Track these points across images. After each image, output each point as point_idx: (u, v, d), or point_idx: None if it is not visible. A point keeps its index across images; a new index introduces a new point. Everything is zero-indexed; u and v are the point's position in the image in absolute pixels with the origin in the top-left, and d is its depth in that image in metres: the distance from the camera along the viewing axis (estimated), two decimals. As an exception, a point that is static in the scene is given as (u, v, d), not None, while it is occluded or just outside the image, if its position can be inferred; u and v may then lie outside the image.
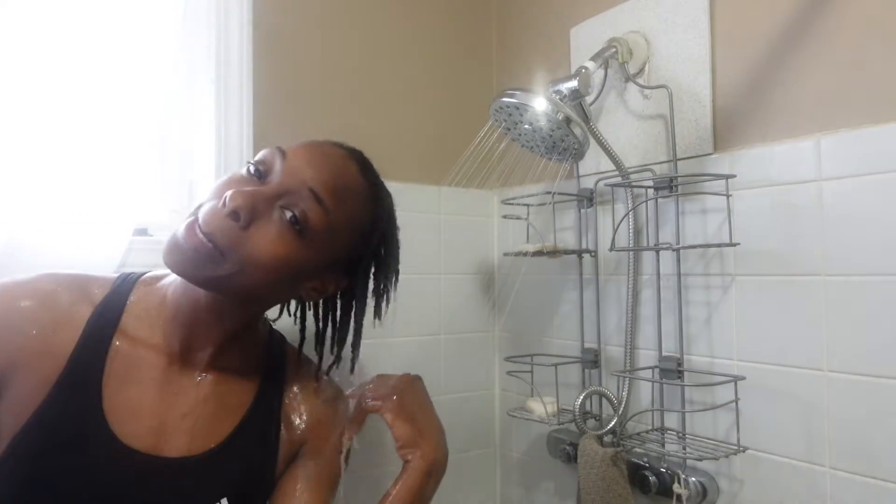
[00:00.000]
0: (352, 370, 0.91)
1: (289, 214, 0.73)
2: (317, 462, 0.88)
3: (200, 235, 0.71)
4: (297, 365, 0.93)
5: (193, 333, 0.80)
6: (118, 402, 0.74)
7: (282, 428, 0.87)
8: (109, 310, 0.78)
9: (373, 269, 0.91)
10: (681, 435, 1.09)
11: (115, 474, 0.72)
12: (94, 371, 0.74)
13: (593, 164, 1.28)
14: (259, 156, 0.79)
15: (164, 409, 0.77)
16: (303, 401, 0.90)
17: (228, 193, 0.71)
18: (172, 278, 0.82)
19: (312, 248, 0.76)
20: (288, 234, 0.74)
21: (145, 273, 0.86)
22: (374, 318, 0.91)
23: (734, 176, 1.03)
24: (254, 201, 0.72)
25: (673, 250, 1.11)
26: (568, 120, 0.99)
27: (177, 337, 0.79)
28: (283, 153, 0.78)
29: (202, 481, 0.78)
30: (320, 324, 0.93)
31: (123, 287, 0.82)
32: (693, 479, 1.06)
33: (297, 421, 0.89)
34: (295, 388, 0.90)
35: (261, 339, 0.91)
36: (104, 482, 0.72)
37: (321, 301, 0.91)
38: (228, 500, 0.79)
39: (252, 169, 0.76)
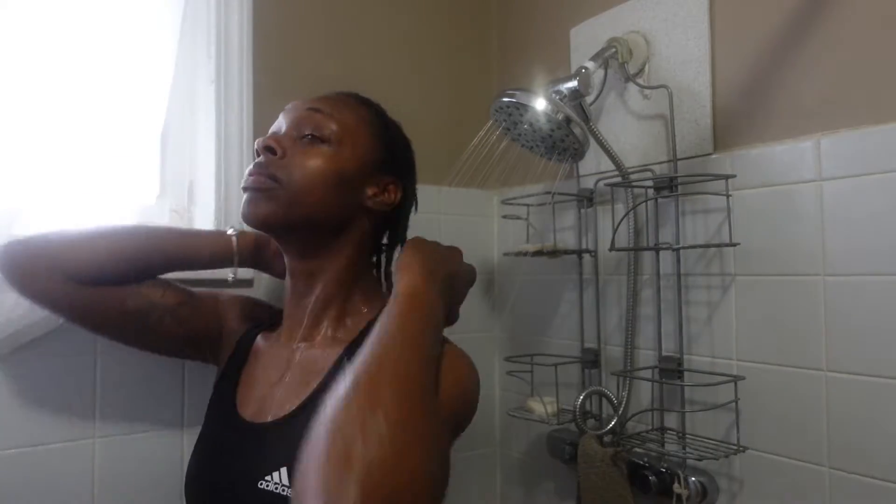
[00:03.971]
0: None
1: (306, 135, 0.85)
2: None
3: (256, 175, 0.83)
4: None
5: (307, 312, 0.88)
6: (244, 380, 0.90)
7: None
8: (263, 320, 0.99)
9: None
10: (681, 435, 1.09)
11: (227, 440, 0.85)
12: (240, 361, 0.92)
13: (593, 164, 1.28)
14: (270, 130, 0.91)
15: (267, 383, 0.87)
16: None
17: (258, 143, 0.84)
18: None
19: (340, 151, 0.85)
20: (313, 149, 0.84)
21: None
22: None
23: (734, 176, 1.03)
24: (277, 139, 0.84)
25: (673, 250, 1.11)
26: (568, 120, 0.99)
27: (292, 323, 0.90)
28: (283, 112, 0.91)
29: (269, 447, 0.79)
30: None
31: (274, 313, 1.00)
32: (693, 479, 1.06)
33: None
34: None
35: (361, 304, 0.91)
36: (223, 446, 0.85)
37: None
38: (289, 474, 0.76)
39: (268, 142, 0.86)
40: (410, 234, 1.44)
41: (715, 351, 1.08)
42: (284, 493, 0.74)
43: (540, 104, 0.98)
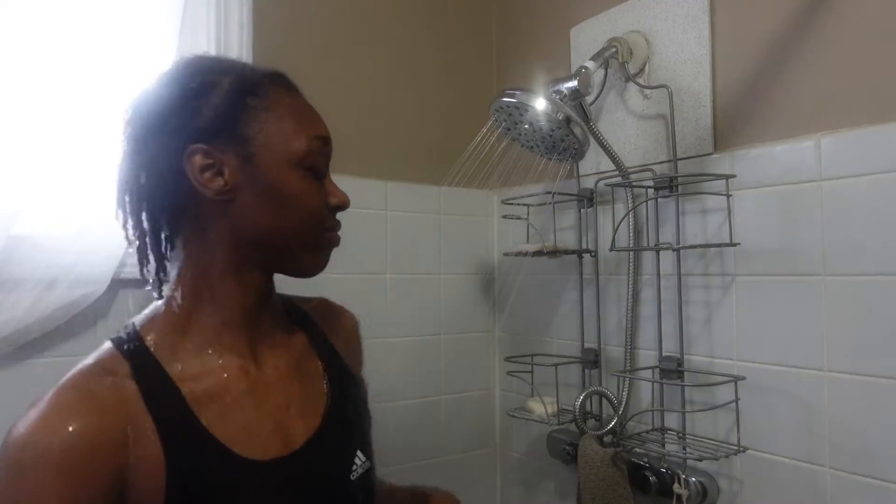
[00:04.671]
0: None
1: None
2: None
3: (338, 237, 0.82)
4: (299, 300, 0.92)
5: (254, 328, 0.78)
6: (230, 430, 0.71)
7: (343, 356, 0.88)
8: (146, 370, 0.71)
9: None
10: (681, 435, 1.09)
11: (267, 491, 0.71)
12: (190, 422, 0.69)
13: (593, 164, 1.28)
14: None
15: (270, 410, 0.75)
16: (335, 323, 0.93)
17: (344, 202, 0.80)
18: (198, 305, 0.76)
19: None
20: None
21: (129, 327, 0.75)
22: None
23: (734, 176, 1.03)
24: None
25: (673, 250, 1.11)
26: (568, 120, 0.99)
27: (244, 341, 0.76)
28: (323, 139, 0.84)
29: (336, 446, 0.78)
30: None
31: (129, 347, 0.72)
32: (693, 479, 1.06)
33: (343, 343, 0.91)
34: (321, 318, 0.91)
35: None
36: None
37: None
38: (360, 448, 0.80)
39: None
40: (411, 234, 1.44)
41: (715, 351, 1.08)
42: (366, 469, 0.80)
43: (540, 104, 0.98)
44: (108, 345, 0.72)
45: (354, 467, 0.78)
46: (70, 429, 0.63)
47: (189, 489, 0.66)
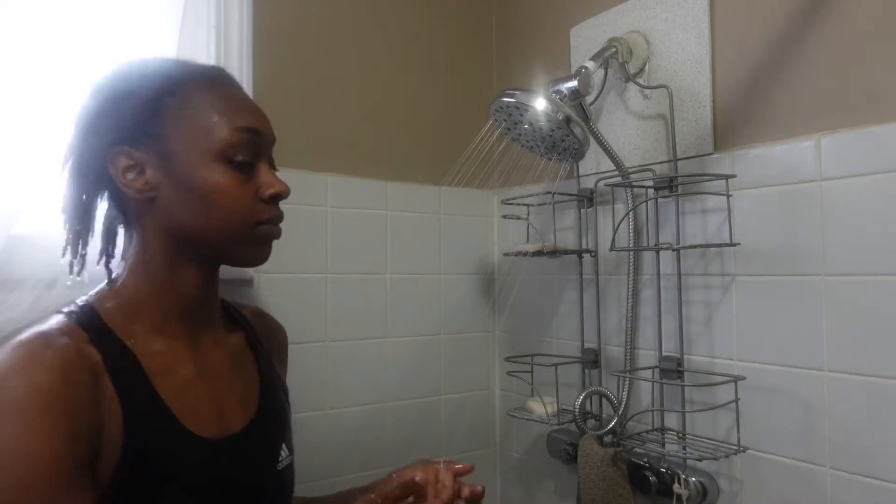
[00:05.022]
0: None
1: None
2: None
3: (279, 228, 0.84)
4: (235, 305, 0.96)
5: (197, 319, 0.81)
6: (182, 406, 0.74)
7: (271, 359, 0.94)
8: (106, 341, 0.72)
9: None
10: (681, 435, 1.09)
11: (210, 467, 0.75)
12: (148, 392, 0.72)
13: (593, 164, 1.28)
14: None
15: (214, 394, 0.80)
16: (268, 329, 0.99)
17: (283, 191, 0.80)
18: (148, 289, 0.78)
19: None
20: None
21: (79, 303, 0.77)
22: None
23: (734, 176, 1.03)
24: None
25: (673, 250, 1.11)
26: (568, 120, 0.99)
27: (187, 330, 0.79)
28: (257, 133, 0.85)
29: (266, 437, 0.84)
30: None
31: (87, 319, 0.73)
32: (693, 479, 1.06)
33: (273, 349, 0.97)
34: (258, 324, 0.96)
35: None
36: (201, 475, 0.74)
37: None
38: (286, 444, 0.86)
39: None
40: (411, 234, 1.45)
41: (715, 351, 1.08)
42: (290, 462, 0.86)
43: (540, 104, 0.98)
44: (58, 316, 0.73)
45: (280, 458, 0.84)
46: (43, 371, 0.64)
47: (142, 458, 0.69)
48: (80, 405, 0.65)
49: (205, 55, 1.18)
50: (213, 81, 0.78)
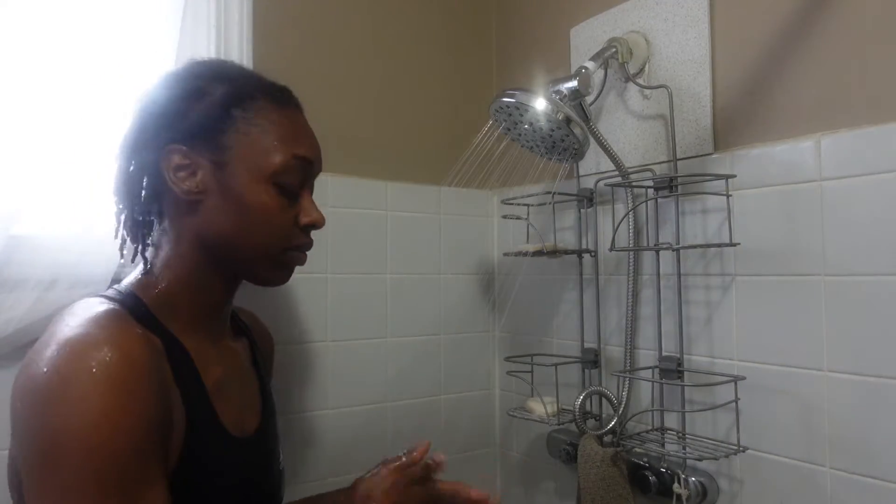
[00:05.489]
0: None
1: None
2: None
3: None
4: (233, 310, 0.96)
5: (217, 323, 0.84)
6: (222, 406, 0.77)
7: (263, 367, 0.97)
8: (162, 334, 0.73)
9: None
10: (681, 435, 1.09)
11: (244, 466, 0.79)
12: (200, 385, 0.75)
13: (593, 164, 1.28)
14: None
15: (233, 396, 0.81)
16: (262, 338, 1.02)
17: (317, 221, 0.85)
18: (187, 287, 0.79)
19: None
20: None
21: (119, 293, 0.77)
22: None
23: (734, 176, 1.03)
24: None
25: (673, 250, 1.11)
26: (568, 120, 0.99)
27: (211, 333, 0.82)
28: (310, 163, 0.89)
29: (272, 439, 0.89)
30: None
31: (140, 308, 0.74)
32: (693, 479, 1.06)
33: (264, 357, 1.00)
34: (252, 329, 0.99)
35: None
36: (230, 471, 0.77)
37: None
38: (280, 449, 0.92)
39: None
40: (411, 234, 1.44)
41: (715, 351, 1.08)
42: (284, 465, 0.92)
43: (540, 104, 0.98)
44: (102, 301, 0.71)
45: (281, 458, 0.90)
46: (135, 344, 0.64)
47: (196, 453, 0.70)
48: (164, 383, 0.67)
49: (205, 55, 1.18)
50: (282, 102, 0.80)
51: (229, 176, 0.75)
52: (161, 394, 0.66)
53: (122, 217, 0.79)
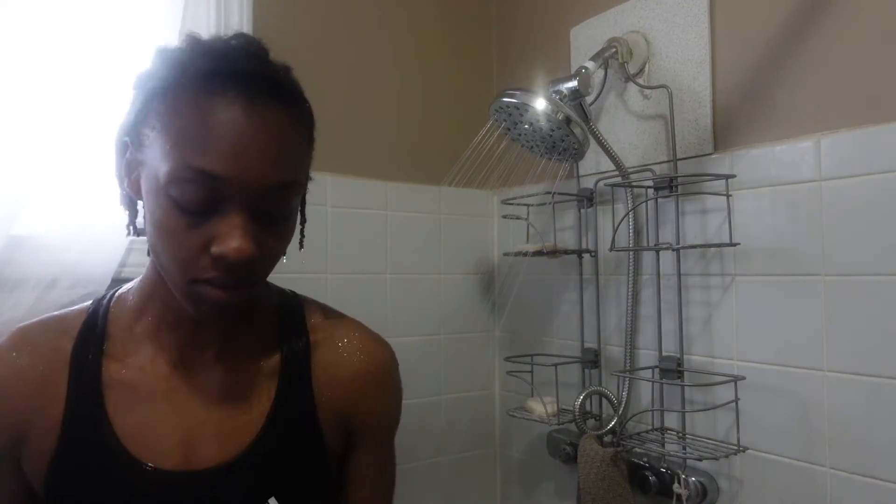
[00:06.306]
0: None
1: (263, 212, 0.67)
2: (374, 443, 0.81)
3: (234, 291, 0.67)
4: (321, 323, 0.79)
5: (195, 332, 0.72)
6: (131, 426, 0.68)
7: (319, 403, 0.74)
8: (89, 337, 0.71)
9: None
10: (681, 435, 1.09)
11: (150, 500, 0.67)
12: (96, 403, 0.68)
13: (593, 164, 1.28)
14: None
15: (181, 420, 0.69)
16: (336, 365, 0.77)
17: (232, 254, 0.63)
18: (150, 290, 0.73)
19: (296, 210, 0.72)
20: (277, 229, 0.69)
21: (118, 290, 0.77)
22: None
23: (734, 176, 1.03)
24: (252, 242, 0.66)
25: (673, 250, 1.11)
26: (568, 120, 0.99)
27: (177, 343, 0.71)
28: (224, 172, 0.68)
29: (242, 486, 0.69)
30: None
31: (97, 311, 0.73)
32: (693, 479, 1.06)
33: (337, 393, 0.76)
34: (323, 353, 0.77)
35: (266, 302, 0.78)
36: None
37: None
38: (278, 499, 0.70)
39: None
40: (411, 234, 1.44)
41: (715, 351, 1.08)
42: None
43: (540, 104, 0.98)
44: (90, 301, 0.75)
45: None
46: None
47: (70, 467, 0.68)
48: (5, 407, 0.69)
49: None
50: (202, 91, 0.60)
51: (145, 180, 0.63)
52: (13, 403, 0.69)
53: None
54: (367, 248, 1.37)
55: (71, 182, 1.04)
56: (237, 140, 0.59)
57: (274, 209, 0.63)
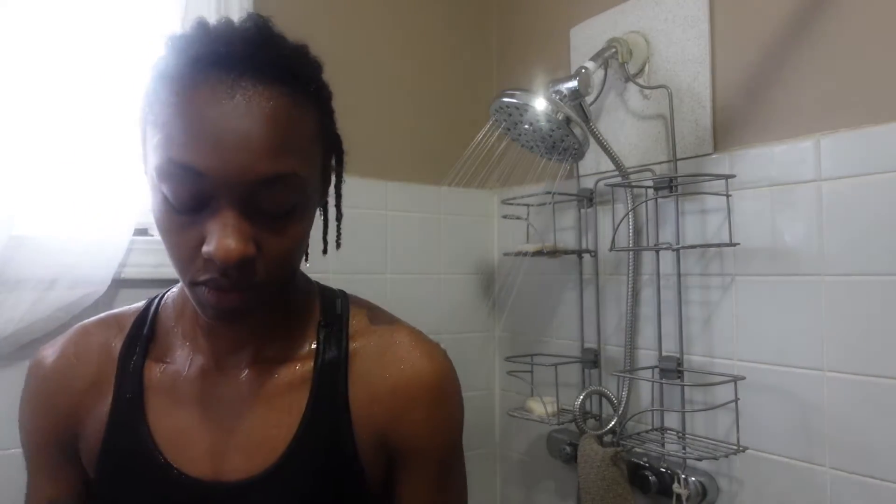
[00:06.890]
0: None
1: (265, 211, 0.63)
2: (423, 464, 0.71)
3: (229, 295, 0.62)
4: (364, 328, 0.74)
5: (225, 335, 0.69)
6: (166, 430, 0.66)
7: (356, 420, 0.67)
8: (136, 336, 0.71)
9: None
10: (681, 435, 1.09)
11: (160, 500, 0.65)
12: (136, 403, 0.67)
13: (593, 164, 1.28)
14: None
15: (212, 428, 0.66)
16: (373, 376, 0.69)
17: (220, 257, 0.58)
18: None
19: (308, 202, 0.66)
20: (284, 225, 0.64)
21: (170, 289, 0.76)
22: None
23: (734, 176, 1.03)
24: (247, 242, 0.60)
25: (673, 250, 1.11)
26: (568, 120, 0.99)
27: (210, 345, 0.69)
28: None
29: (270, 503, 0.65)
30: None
31: (148, 310, 0.73)
32: (693, 479, 1.06)
33: (374, 408, 0.67)
34: (361, 362, 0.69)
35: (306, 305, 0.74)
36: None
37: None
38: None
39: None
40: (411, 234, 1.44)
41: (715, 351, 1.08)
42: None
43: (540, 104, 0.98)
44: (146, 301, 0.76)
45: None
46: (54, 356, 0.72)
47: (109, 466, 0.69)
48: (60, 404, 0.71)
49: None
50: (188, 79, 0.56)
51: (148, 176, 0.61)
52: (58, 399, 0.71)
53: None
54: (367, 248, 1.37)
55: (71, 182, 1.04)
56: (216, 131, 0.54)
57: (269, 205, 0.58)
